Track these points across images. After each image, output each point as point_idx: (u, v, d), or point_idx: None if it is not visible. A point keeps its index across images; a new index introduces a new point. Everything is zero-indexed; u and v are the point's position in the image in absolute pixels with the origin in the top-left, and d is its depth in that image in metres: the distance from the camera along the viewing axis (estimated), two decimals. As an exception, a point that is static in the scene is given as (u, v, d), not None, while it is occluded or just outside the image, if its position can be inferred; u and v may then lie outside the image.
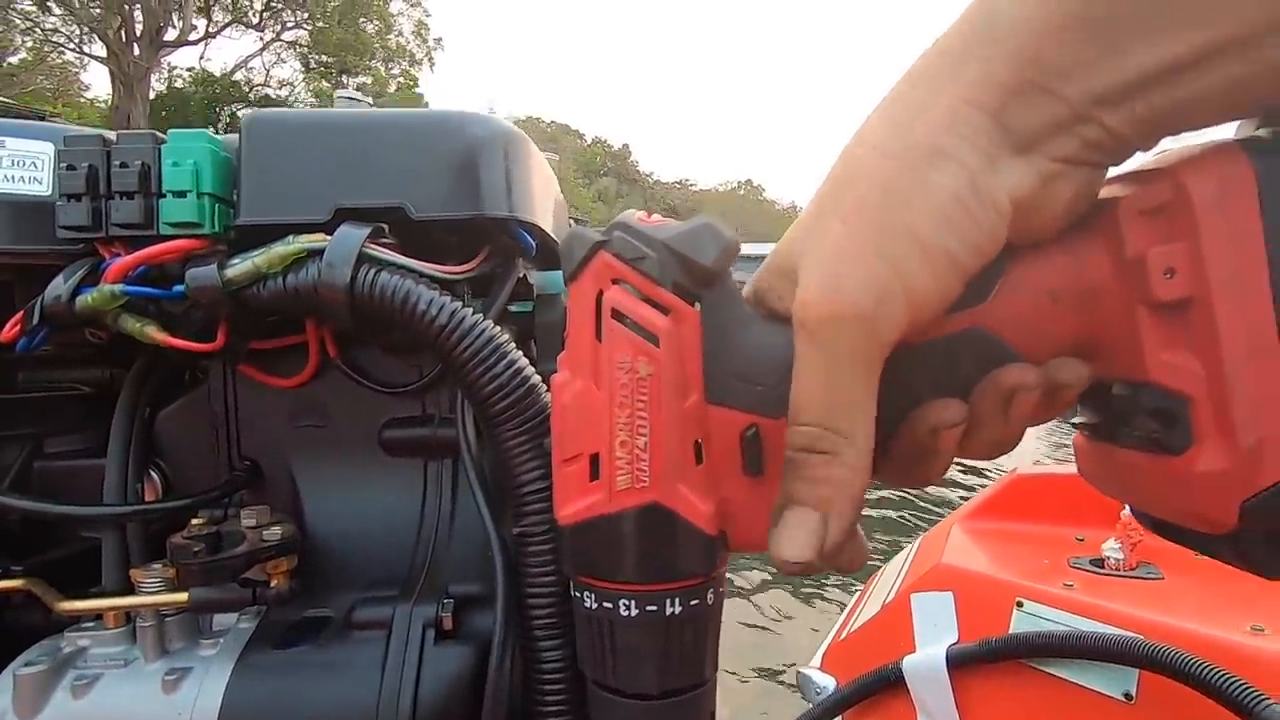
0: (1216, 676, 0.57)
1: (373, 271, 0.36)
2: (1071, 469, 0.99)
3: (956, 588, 0.81)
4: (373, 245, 0.37)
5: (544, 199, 0.45)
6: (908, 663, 0.78)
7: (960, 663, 0.74)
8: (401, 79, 21.45)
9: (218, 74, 19.08)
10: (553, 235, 0.47)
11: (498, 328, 0.38)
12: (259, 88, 19.34)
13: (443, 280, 0.39)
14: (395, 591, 0.39)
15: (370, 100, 15.44)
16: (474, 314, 0.37)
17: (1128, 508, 0.26)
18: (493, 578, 0.37)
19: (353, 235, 0.37)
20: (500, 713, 0.35)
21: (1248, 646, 0.62)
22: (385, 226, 0.39)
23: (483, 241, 0.43)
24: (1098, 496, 1.00)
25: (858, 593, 1.08)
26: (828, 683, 0.87)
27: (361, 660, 0.36)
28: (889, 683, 0.79)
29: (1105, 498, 0.95)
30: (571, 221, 0.56)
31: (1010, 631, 0.74)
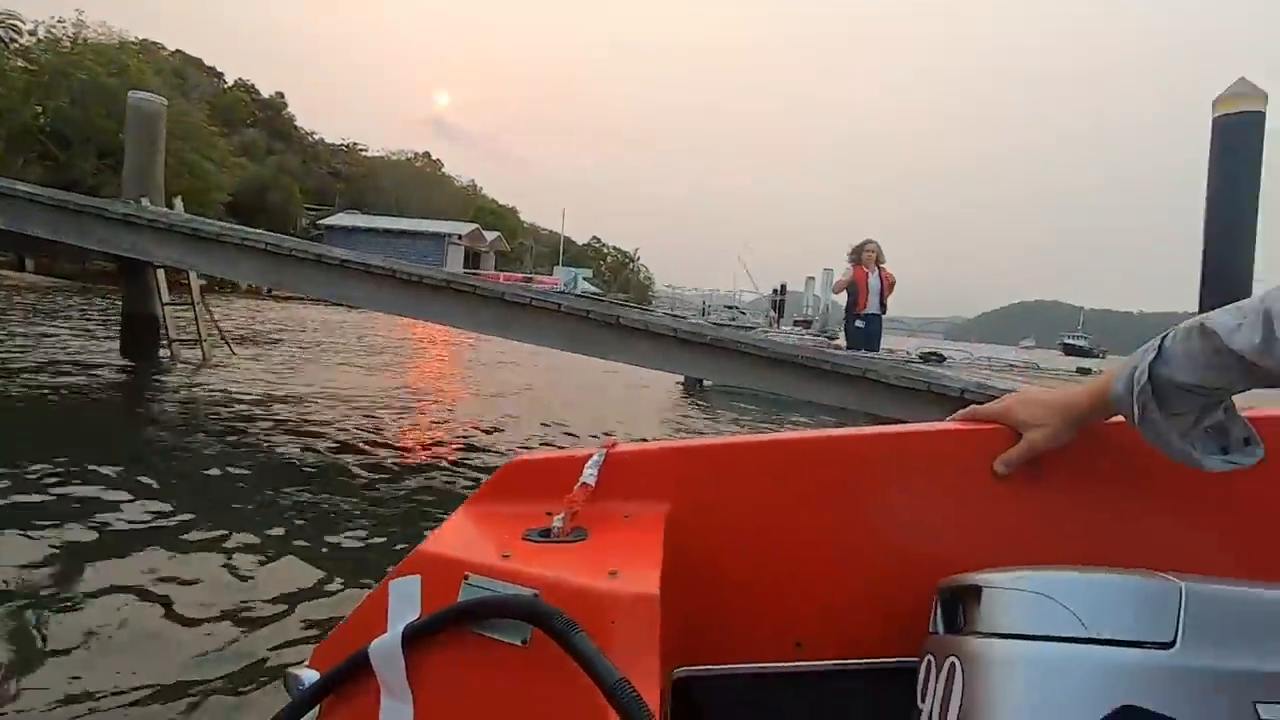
0: (540, 611, 0.74)
1: None
2: (560, 452, 1.16)
3: (424, 570, 0.90)
4: None
5: None
6: (373, 646, 0.85)
7: (412, 638, 0.84)
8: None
9: None
10: None
11: None
12: None
13: None
14: None
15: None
16: None
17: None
18: None
19: None
20: None
21: (601, 588, 0.81)
22: None
23: None
24: (575, 474, 1.18)
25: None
26: (313, 678, 0.90)
27: None
28: (358, 667, 0.86)
29: (578, 474, 1.14)
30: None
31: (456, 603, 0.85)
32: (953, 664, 0.87)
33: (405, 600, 0.89)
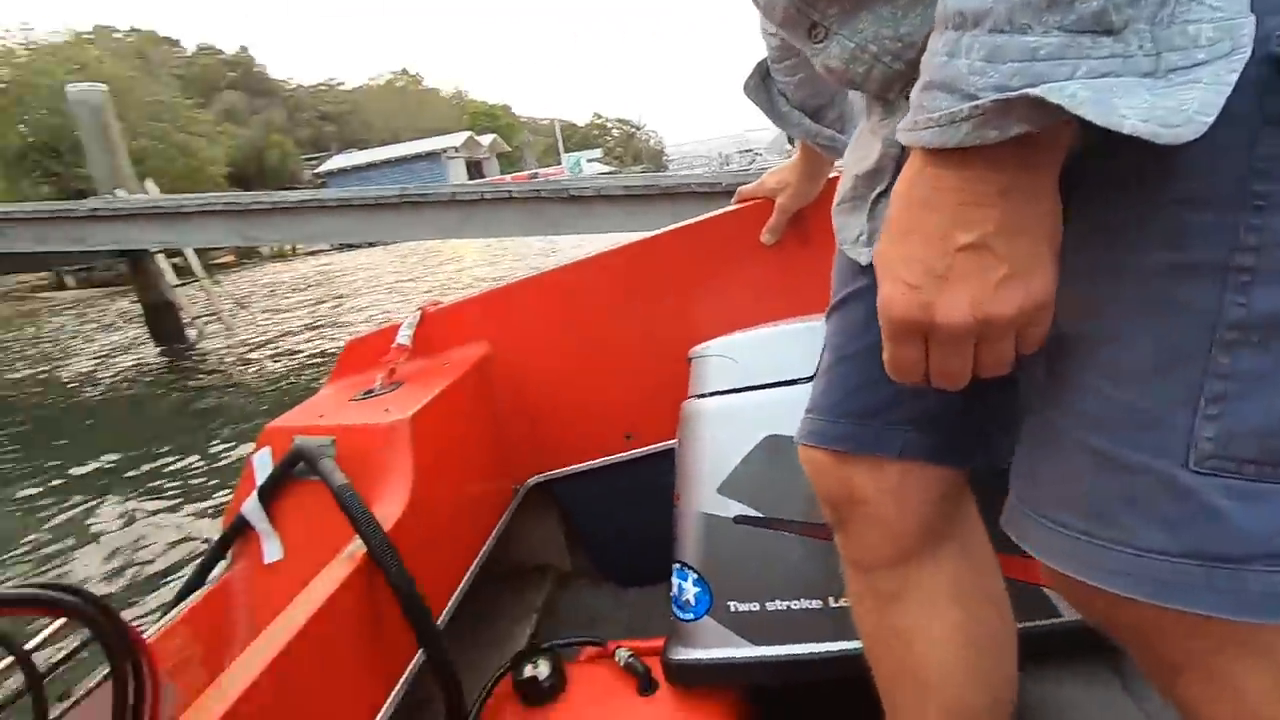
0: (302, 451, 0.98)
1: None
2: (388, 324, 1.34)
3: (271, 442, 1.11)
4: None
5: None
6: (244, 506, 1.11)
7: (265, 493, 1.08)
8: None
9: None
10: None
11: None
12: None
13: None
14: None
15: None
16: None
17: None
18: None
19: None
20: None
21: (368, 424, 1.03)
22: None
23: None
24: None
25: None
26: (224, 535, 1.17)
27: None
28: (242, 523, 1.10)
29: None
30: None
31: None
32: (683, 422, 1.05)
33: (262, 468, 1.14)
